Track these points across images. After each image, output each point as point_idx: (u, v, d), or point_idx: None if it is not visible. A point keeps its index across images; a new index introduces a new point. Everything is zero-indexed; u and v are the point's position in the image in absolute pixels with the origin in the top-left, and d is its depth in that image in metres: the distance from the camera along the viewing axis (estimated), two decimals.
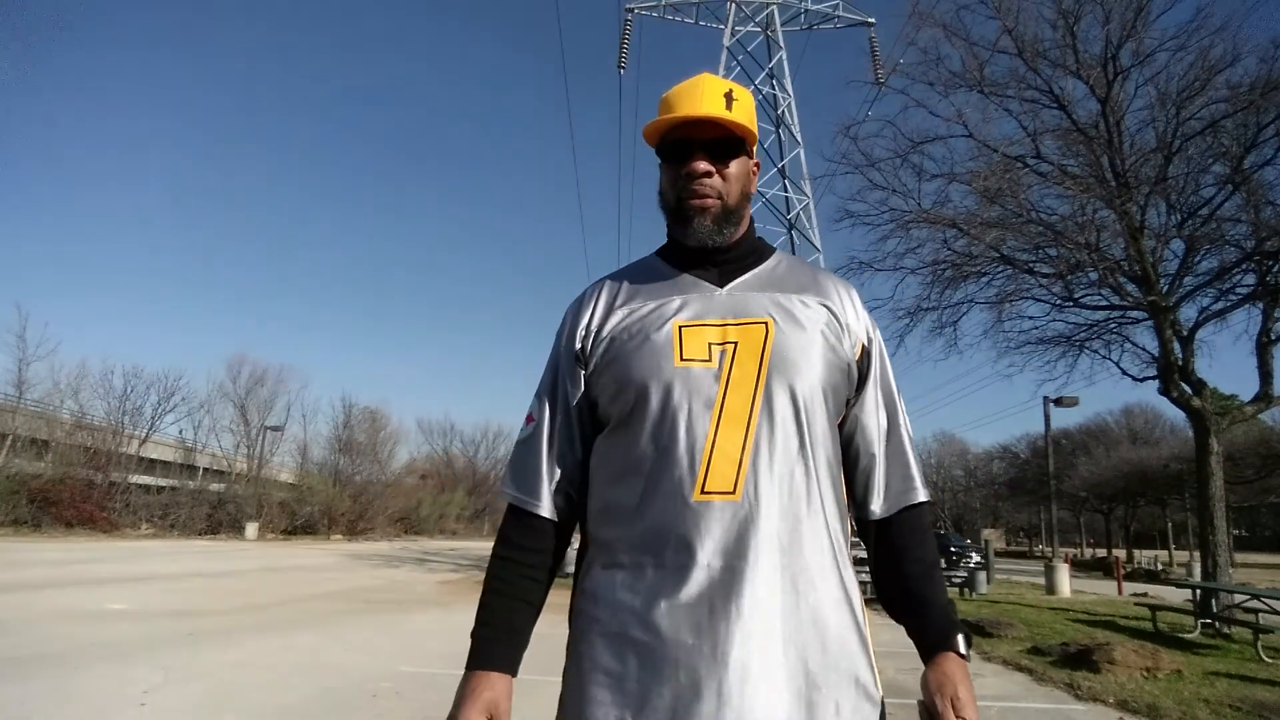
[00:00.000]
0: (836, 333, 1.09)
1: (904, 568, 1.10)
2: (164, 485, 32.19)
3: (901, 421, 1.16)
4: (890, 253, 11.89)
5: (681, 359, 1.04)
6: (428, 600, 11.26)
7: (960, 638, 1.03)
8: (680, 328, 1.06)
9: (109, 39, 75.48)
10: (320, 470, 41.03)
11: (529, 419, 1.17)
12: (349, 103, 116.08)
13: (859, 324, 1.13)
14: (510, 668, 1.04)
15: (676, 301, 1.10)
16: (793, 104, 28.09)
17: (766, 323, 1.06)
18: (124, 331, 72.15)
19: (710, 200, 1.10)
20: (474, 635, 1.05)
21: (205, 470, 37.64)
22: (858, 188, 12.10)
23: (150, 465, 33.19)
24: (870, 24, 30.06)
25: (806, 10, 29.83)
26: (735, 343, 1.05)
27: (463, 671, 1.03)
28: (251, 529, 31.05)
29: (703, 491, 0.98)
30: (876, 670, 1.02)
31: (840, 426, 1.13)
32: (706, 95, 1.10)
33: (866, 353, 1.14)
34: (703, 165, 1.09)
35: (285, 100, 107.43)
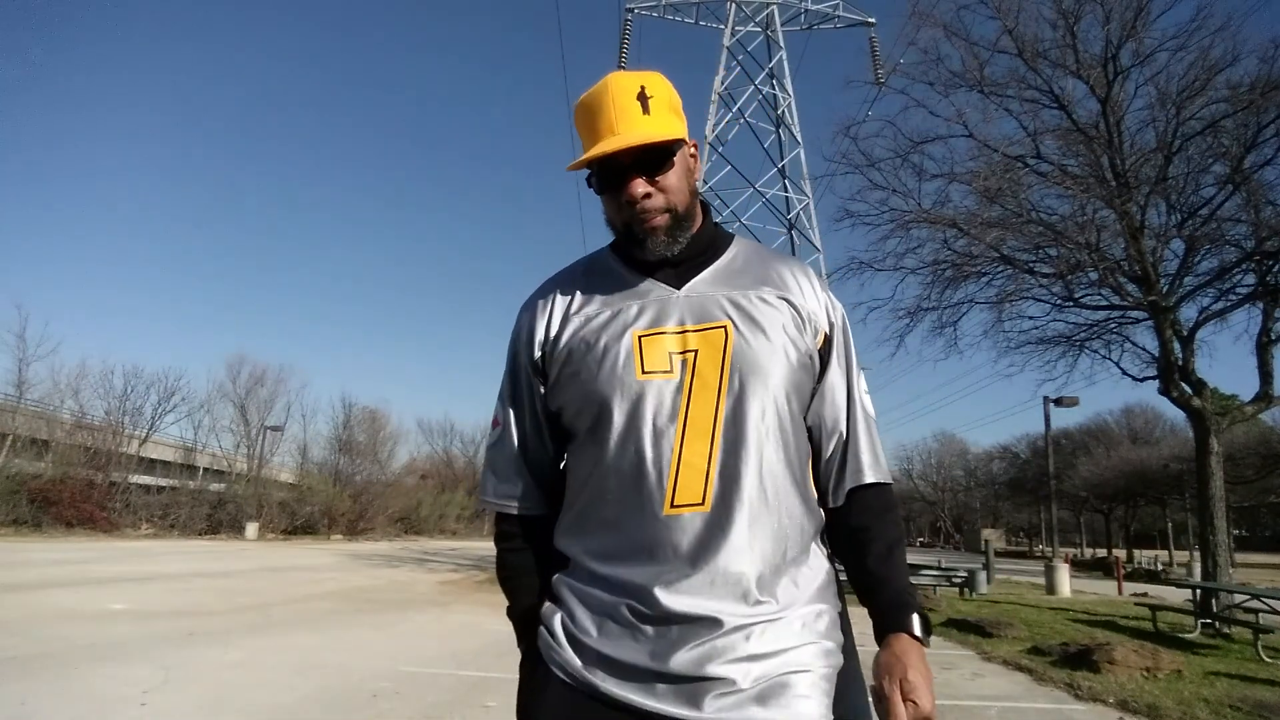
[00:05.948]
0: (798, 326, 1.07)
1: (862, 547, 1.07)
2: (164, 485, 32.16)
3: (858, 402, 1.12)
4: (890, 253, 11.94)
5: (644, 372, 1.02)
6: (428, 600, 11.25)
7: (915, 619, 0.99)
8: (639, 338, 1.04)
9: (110, 34, 75.57)
10: (320, 470, 40.94)
11: (495, 423, 1.16)
12: (349, 102, 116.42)
13: (819, 309, 1.11)
14: None
15: (634, 308, 1.07)
16: (793, 104, 28.14)
17: (725, 327, 1.04)
18: (124, 331, 72.22)
19: (659, 219, 1.05)
20: (516, 633, 1.13)
21: (205, 470, 37.58)
22: (858, 188, 12.15)
23: (150, 465, 33.16)
24: (870, 24, 30.14)
25: (806, 10, 29.89)
26: (695, 350, 1.03)
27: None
28: (251, 529, 31.01)
29: (673, 505, 0.98)
30: (838, 670, 1.02)
31: (805, 417, 1.11)
32: (620, 111, 1.02)
33: (829, 339, 1.11)
34: (640, 189, 1.04)
35: (285, 99, 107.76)
